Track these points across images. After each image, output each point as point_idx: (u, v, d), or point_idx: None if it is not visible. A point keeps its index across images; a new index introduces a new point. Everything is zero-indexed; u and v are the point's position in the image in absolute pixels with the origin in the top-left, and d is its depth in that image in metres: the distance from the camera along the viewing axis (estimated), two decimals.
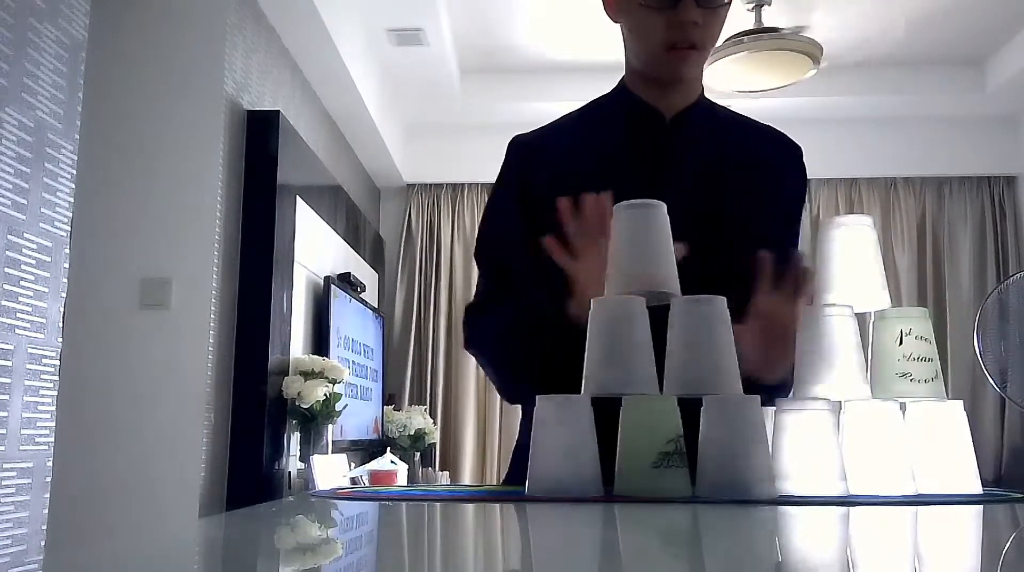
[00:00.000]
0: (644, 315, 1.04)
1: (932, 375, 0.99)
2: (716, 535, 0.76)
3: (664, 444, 0.96)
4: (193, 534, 0.82)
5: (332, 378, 3.45)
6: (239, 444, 3.10)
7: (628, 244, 1.07)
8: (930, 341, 1.01)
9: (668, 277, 1.05)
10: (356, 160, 5.22)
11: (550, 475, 1.00)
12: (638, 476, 0.97)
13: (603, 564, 0.58)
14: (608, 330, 1.03)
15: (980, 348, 4.52)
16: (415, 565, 0.60)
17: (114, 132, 3.04)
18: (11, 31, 2.25)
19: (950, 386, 5.39)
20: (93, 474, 2.84)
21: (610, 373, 1.01)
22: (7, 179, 2.21)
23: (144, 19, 3.12)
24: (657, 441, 0.96)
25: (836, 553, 0.68)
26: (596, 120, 1.46)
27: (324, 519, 0.90)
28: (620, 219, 1.08)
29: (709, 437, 0.96)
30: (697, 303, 1.02)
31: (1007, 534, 0.80)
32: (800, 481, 0.98)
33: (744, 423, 0.95)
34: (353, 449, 4.20)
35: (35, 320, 2.32)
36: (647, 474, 0.96)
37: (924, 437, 1.02)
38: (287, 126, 3.47)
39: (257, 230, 3.24)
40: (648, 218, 1.07)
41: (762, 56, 4.04)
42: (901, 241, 5.58)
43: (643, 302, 1.05)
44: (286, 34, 3.75)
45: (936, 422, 1.01)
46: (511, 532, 0.81)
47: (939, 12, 4.60)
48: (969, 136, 5.56)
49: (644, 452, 0.97)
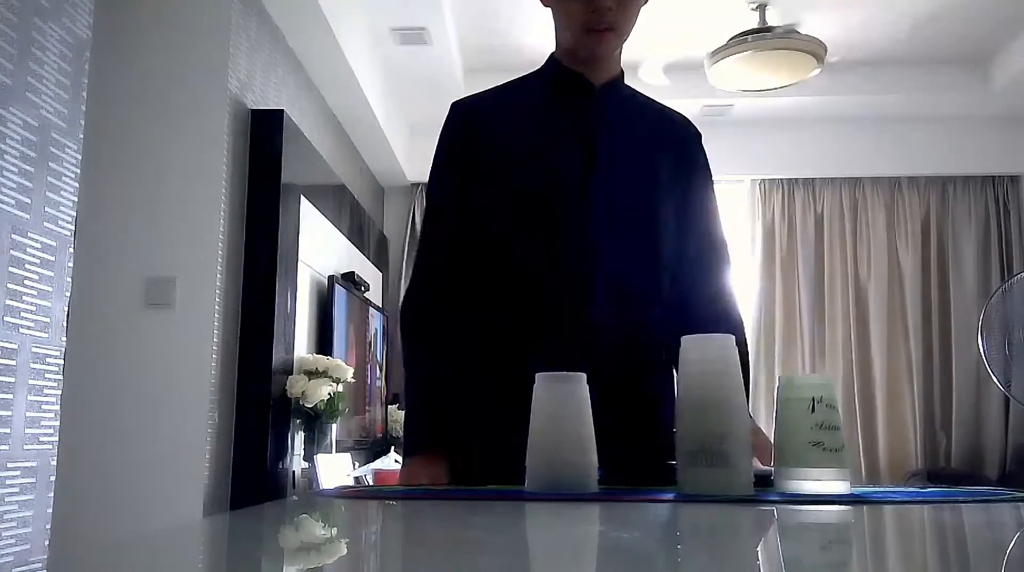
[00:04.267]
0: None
1: (840, 444, 0.99)
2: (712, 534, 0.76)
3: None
4: (197, 533, 0.82)
5: (336, 377, 3.45)
6: (243, 443, 3.10)
7: (545, 434, 1.06)
8: (838, 409, 1.01)
9: (583, 474, 1.04)
10: (360, 159, 5.22)
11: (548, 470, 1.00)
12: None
13: (602, 563, 0.58)
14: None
15: (984, 347, 4.51)
16: (419, 564, 0.60)
17: (118, 131, 3.05)
18: (15, 30, 2.25)
19: (954, 386, 5.38)
20: (97, 473, 2.85)
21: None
22: (11, 178, 2.21)
23: (148, 18, 3.12)
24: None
25: (837, 553, 0.67)
26: (532, 87, 1.59)
27: (328, 518, 0.90)
28: (539, 392, 1.07)
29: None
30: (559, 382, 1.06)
31: (1011, 534, 0.80)
32: (802, 480, 0.98)
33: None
34: (357, 448, 4.21)
35: (39, 319, 2.32)
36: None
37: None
38: (291, 125, 3.47)
39: (261, 229, 3.24)
40: (567, 395, 1.07)
41: (766, 55, 4.03)
42: (905, 240, 5.57)
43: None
44: (290, 33, 3.75)
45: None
46: (512, 531, 0.81)
47: (944, 11, 4.59)
48: (974, 135, 5.55)
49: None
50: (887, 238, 5.59)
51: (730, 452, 0.98)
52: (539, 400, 1.06)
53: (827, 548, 0.69)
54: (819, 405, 0.99)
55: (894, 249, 5.58)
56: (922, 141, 5.58)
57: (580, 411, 1.06)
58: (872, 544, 0.73)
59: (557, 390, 1.06)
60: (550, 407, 1.06)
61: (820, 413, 0.98)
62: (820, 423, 0.98)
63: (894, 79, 5.23)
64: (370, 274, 4.88)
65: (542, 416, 1.06)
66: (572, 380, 1.07)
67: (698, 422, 1.00)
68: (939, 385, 5.45)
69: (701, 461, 0.99)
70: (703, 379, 1.02)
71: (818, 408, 0.99)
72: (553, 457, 1.04)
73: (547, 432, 1.05)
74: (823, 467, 0.98)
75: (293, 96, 3.91)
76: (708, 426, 0.99)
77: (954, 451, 5.36)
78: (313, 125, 4.18)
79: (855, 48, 4.96)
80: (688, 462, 1.00)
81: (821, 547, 0.70)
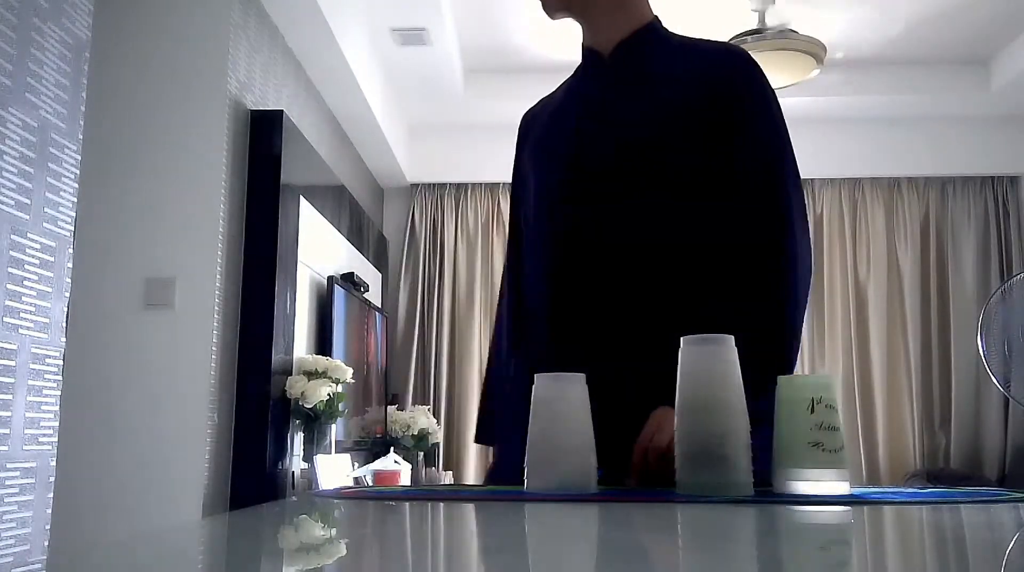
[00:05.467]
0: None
1: (840, 445, 0.98)
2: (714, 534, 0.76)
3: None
4: (196, 534, 0.82)
5: (335, 378, 3.45)
6: (242, 444, 3.10)
7: (545, 434, 1.06)
8: (837, 409, 1.00)
9: (583, 474, 1.04)
10: (360, 160, 5.22)
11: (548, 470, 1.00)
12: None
13: (602, 563, 0.58)
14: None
15: (984, 348, 4.51)
16: (418, 566, 0.60)
17: (117, 132, 3.04)
18: (15, 31, 2.25)
19: (954, 386, 5.38)
20: (96, 474, 2.85)
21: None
22: (11, 179, 2.21)
23: (147, 19, 3.12)
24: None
25: (837, 554, 0.67)
26: (572, 77, 1.55)
27: (328, 519, 0.90)
28: (539, 392, 1.07)
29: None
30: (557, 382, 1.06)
31: (1011, 534, 0.80)
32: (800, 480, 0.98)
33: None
34: (356, 449, 4.21)
35: (39, 320, 2.32)
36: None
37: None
38: (291, 126, 3.47)
39: (261, 230, 3.24)
40: (567, 395, 1.07)
41: (766, 55, 4.03)
42: (904, 241, 5.57)
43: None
44: (290, 34, 3.75)
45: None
46: (512, 532, 0.81)
47: (943, 11, 4.59)
48: (973, 136, 5.55)
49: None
50: (886, 239, 5.59)
51: (730, 453, 0.98)
52: (539, 400, 1.06)
53: (827, 549, 0.69)
54: (818, 405, 0.99)
55: (893, 250, 5.58)
56: (921, 141, 5.59)
57: (580, 411, 1.05)
58: (872, 545, 0.73)
59: (557, 390, 1.06)
60: (550, 407, 1.06)
61: (820, 413, 0.98)
62: (820, 424, 0.98)
63: (893, 79, 5.23)
64: (370, 275, 4.88)
65: (542, 416, 1.06)
66: (572, 380, 1.07)
67: (698, 422, 1.00)
68: (938, 386, 5.45)
69: (701, 461, 0.99)
70: (703, 379, 1.02)
71: (817, 408, 0.98)
72: (553, 457, 1.04)
73: (547, 432, 1.05)
74: (822, 468, 0.97)
75: (292, 97, 3.91)
76: (708, 426, 0.99)
77: (953, 452, 5.36)
78: (312, 126, 4.18)
79: (854, 48, 4.97)
80: (688, 462, 1.00)
81: (821, 548, 0.70)
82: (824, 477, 0.97)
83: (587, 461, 1.05)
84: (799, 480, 0.98)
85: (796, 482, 0.98)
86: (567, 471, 1.04)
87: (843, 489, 0.98)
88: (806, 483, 0.98)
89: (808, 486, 0.97)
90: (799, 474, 0.98)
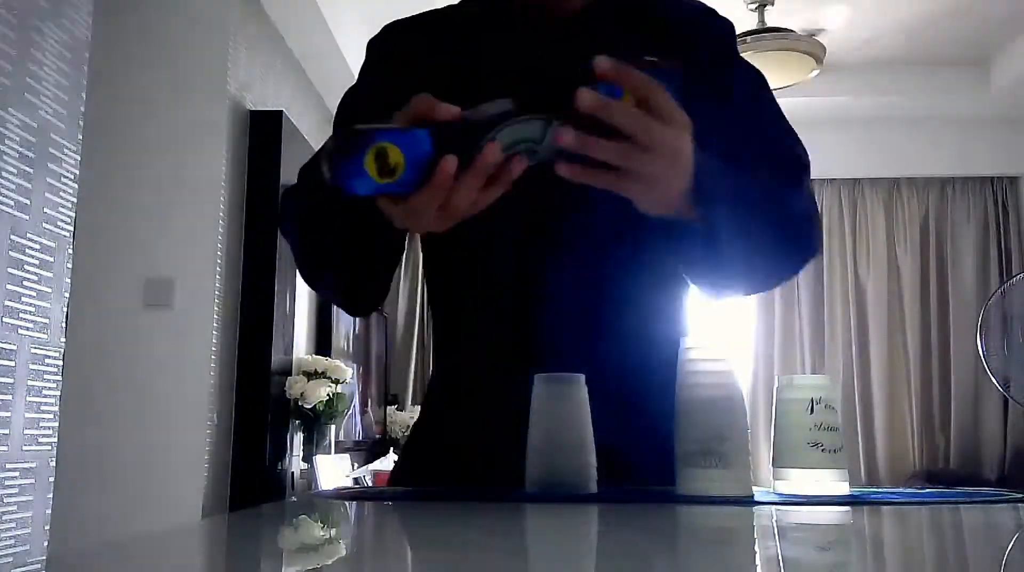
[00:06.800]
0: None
1: (839, 445, 0.98)
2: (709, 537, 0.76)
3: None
4: (196, 534, 0.82)
5: (335, 378, 3.45)
6: (242, 444, 3.10)
7: (544, 435, 1.06)
8: (837, 410, 1.00)
9: (582, 474, 1.04)
10: None
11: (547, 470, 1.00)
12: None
13: (601, 563, 0.58)
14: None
15: (983, 349, 4.52)
16: (418, 565, 0.60)
17: (117, 132, 3.04)
18: (14, 31, 2.25)
19: (953, 387, 5.38)
20: (96, 474, 2.85)
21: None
22: (10, 179, 2.21)
23: (147, 19, 3.12)
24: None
25: (836, 554, 0.67)
26: (485, 19, 1.25)
27: (327, 519, 0.90)
28: (538, 392, 1.07)
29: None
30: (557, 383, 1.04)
31: (1011, 535, 0.80)
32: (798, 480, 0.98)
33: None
34: (356, 449, 4.21)
35: (38, 320, 2.32)
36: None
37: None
38: (290, 126, 3.47)
39: (260, 230, 3.24)
40: (566, 396, 1.06)
41: (765, 56, 4.03)
42: (904, 241, 5.57)
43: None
44: (289, 34, 3.75)
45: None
46: (511, 532, 0.81)
47: (943, 13, 4.59)
48: (973, 136, 5.55)
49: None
50: (886, 239, 5.60)
51: (730, 453, 0.98)
52: (538, 401, 1.06)
53: (826, 549, 0.69)
54: (818, 406, 0.98)
55: (893, 250, 5.58)
56: (921, 142, 5.59)
57: (579, 412, 1.05)
58: (871, 545, 0.73)
59: (556, 391, 1.06)
60: (549, 408, 1.06)
61: (819, 414, 0.98)
62: (819, 424, 0.98)
63: (893, 80, 5.23)
64: None
65: (541, 417, 1.06)
66: (571, 381, 1.07)
67: (697, 423, 1.00)
68: (938, 386, 5.45)
69: (700, 462, 0.99)
70: (703, 379, 1.02)
71: (817, 409, 0.98)
72: (552, 458, 1.04)
73: (546, 433, 1.05)
74: (822, 468, 0.97)
75: (292, 97, 3.91)
76: (708, 427, 0.99)
77: (953, 452, 5.36)
78: (312, 126, 4.18)
79: (854, 49, 4.97)
80: (687, 463, 1.00)
81: (820, 548, 0.70)
82: (823, 477, 0.98)
83: (587, 461, 1.05)
84: (799, 480, 0.98)
85: (796, 482, 0.98)
86: (567, 471, 1.04)
87: (843, 489, 0.98)
88: (806, 483, 0.98)
89: (808, 486, 0.97)
90: (799, 474, 0.98)
